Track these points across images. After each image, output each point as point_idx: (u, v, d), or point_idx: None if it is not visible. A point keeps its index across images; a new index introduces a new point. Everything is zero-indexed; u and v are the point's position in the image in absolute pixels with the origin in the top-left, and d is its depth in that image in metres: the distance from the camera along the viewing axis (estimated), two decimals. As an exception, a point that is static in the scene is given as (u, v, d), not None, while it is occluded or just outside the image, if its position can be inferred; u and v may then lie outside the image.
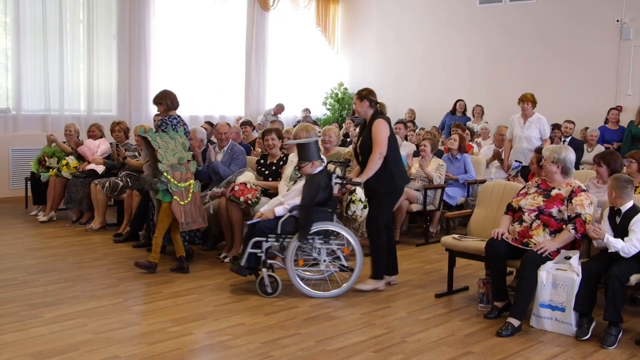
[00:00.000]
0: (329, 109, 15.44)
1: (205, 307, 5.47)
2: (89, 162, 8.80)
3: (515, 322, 5.02)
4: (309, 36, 15.32)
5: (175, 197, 6.33)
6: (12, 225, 8.14)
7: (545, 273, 5.04)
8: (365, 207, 6.96)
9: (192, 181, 6.50)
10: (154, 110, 11.74)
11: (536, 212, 5.28)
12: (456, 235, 5.97)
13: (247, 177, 7.16)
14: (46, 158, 9.01)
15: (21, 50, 10.66)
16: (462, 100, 12.72)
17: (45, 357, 4.33)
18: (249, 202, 6.78)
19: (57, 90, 11.08)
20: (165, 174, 6.31)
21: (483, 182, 7.99)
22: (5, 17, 10.64)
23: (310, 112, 14.37)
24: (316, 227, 5.76)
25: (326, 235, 5.86)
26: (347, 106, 15.13)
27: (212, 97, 13.40)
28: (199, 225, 6.59)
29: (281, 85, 14.74)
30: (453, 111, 12.74)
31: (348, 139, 11.13)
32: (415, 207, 8.11)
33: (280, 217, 5.81)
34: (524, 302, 5.08)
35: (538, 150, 6.62)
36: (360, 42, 15.50)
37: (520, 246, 5.24)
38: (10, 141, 10.55)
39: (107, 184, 8.25)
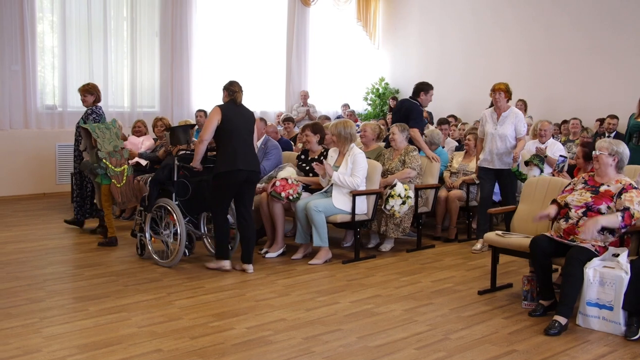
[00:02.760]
0: (369, 104, 15.38)
1: (247, 302, 5.49)
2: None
3: (563, 320, 4.91)
4: (350, 31, 15.27)
5: (113, 180, 7.23)
6: (58, 220, 8.28)
7: (592, 271, 4.92)
8: (404, 202, 6.95)
9: (125, 166, 7.41)
10: (195, 106, 11.97)
11: (584, 209, 5.15)
12: (499, 232, 5.88)
13: (289, 172, 7.17)
14: None
15: (67, 48, 10.87)
16: None
17: (90, 349, 4.40)
18: (290, 197, 6.79)
19: (101, 87, 11.13)
20: (104, 160, 7.18)
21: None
22: (53, 16, 10.85)
23: (349, 107, 14.34)
24: (159, 202, 6.60)
25: (165, 211, 6.57)
26: (387, 102, 15.05)
27: (253, 93, 13.41)
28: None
29: (322, 81, 14.73)
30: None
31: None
32: (459, 203, 8.03)
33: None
34: (570, 300, 4.96)
35: (585, 145, 6.46)
36: (401, 36, 15.40)
37: (567, 242, 5.13)
38: (56, 137, 10.76)
39: (149, 179, 8.33)
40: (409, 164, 7.37)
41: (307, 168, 7.39)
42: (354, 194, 6.75)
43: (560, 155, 8.16)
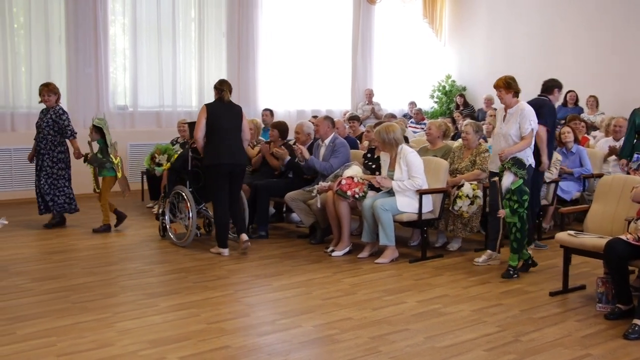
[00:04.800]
0: (436, 102, 15.21)
1: (314, 301, 5.50)
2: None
3: (642, 324, 4.73)
4: (416, 28, 15.11)
5: (118, 172, 7.93)
6: (129, 218, 8.48)
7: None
8: (472, 202, 6.83)
9: (119, 157, 8.08)
10: (262, 104, 12.07)
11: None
12: (572, 232, 5.70)
13: (355, 171, 7.15)
14: (157, 155, 9.31)
15: (137, 49, 11.13)
16: (572, 91, 12.19)
17: (160, 344, 4.48)
18: (356, 196, 6.77)
19: (170, 87, 11.49)
20: (111, 155, 7.86)
21: (600, 176, 7.62)
22: (124, 19, 11.13)
23: (416, 105, 14.21)
24: (175, 189, 7.30)
25: (181, 198, 7.22)
26: (455, 99, 14.85)
27: (318, 92, 13.49)
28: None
29: (387, 79, 14.65)
30: (564, 103, 12.25)
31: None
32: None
33: None
34: (648, 304, 4.79)
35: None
36: (468, 32, 15.15)
37: (643, 244, 4.94)
38: (128, 137, 11.01)
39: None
40: (480, 165, 7.24)
41: (374, 167, 7.35)
42: (421, 193, 6.67)
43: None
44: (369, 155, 7.59)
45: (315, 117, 10.64)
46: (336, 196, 6.89)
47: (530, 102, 7.55)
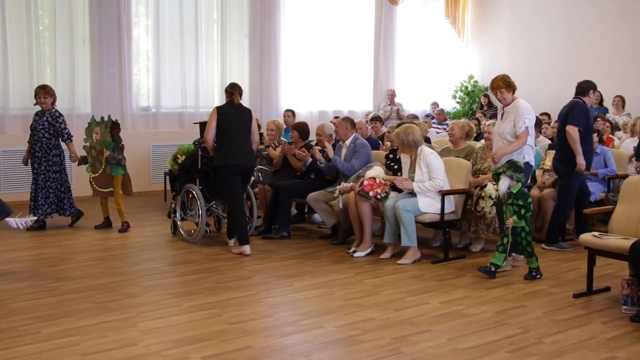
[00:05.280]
0: (458, 102, 15.13)
1: (336, 301, 5.50)
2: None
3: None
4: (438, 28, 15.04)
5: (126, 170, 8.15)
6: (152, 218, 8.55)
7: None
8: (494, 203, 6.78)
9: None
10: (284, 105, 12.09)
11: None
12: (596, 233, 5.65)
13: (377, 171, 7.13)
14: (179, 155, 9.34)
15: (160, 51, 11.20)
16: (597, 91, 12.05)
17: (184, 344, 4.51)
18: (378, 196, 6.75)
19: (192, 88, 11.55)
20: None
21: (625, 177, 7.52)
22: (147, 21, 11.21)
23: (438, 106, 14.15)
24: (185, 187, 7.52)
25: (191, 195, 7.45)
26: (477, 99, 14.76)
27: (340, 92, 13.47)
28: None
29: (410, 79, 14.60)
30: None
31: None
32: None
33: None
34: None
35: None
36: (491, 32, 15.05)
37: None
38: (150, 138, 11.10)
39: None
40: (503, 165, 7.19)
41: (396, 167, 7.33)
42: (443, 194, 6.64)
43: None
44: (390, 156, 7.57)
45: (336, 117, 10.64)
46: (358, 197, 6.88)
47: (566, 105, 7.51)
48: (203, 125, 7.47)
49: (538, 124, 9.01)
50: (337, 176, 7.66)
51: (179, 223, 7.73)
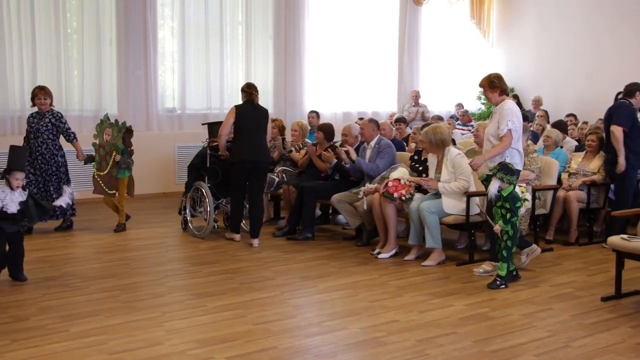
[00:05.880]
0: (483, 104, 15.03)
1: (360, 303, 5.49)
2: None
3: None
4: (463, 29, 14.96)
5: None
6: (177, 218, 8.58)
7: None
8: (520, 205, 6.71)
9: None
10: (308, 107, 12.10)
11: None
12: (625, 236, 5.58)
13: (401, 173, 7.12)
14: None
15: (186, 52, 11.27)
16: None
17: (209, 344, 4.53)
18: (403, 198, 6.73)
19: (217, 89, 11.60)
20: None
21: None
22: (173, 22, 11.29)
23: (463, 107, 14.06)
24: (195, 185, 7.87)
25: (201, 192, 7.79)
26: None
27: (364, 94, 13.45)
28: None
29: (434, 80, 14.54)
30: None
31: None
32: (579, 205, 7.69)
33: None
34: None
35: None
36: (517, 32, 14.92)
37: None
38: (175, 139, 11.17)
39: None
40: (528, 166, 7.13)
41: (420, 169, 7.30)
42: (468, 195, 6.60)
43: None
44: (415, 157, 7.54)
45: (361, 119, 10.62)
46: (383, 198, 6.87)
47: (611, 106, 7.46)
48: (211, 126, 7.95)
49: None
50: (362, 177, 7.66)
51: (189, 220, 8.00)
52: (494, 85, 6.40)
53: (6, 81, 9.74)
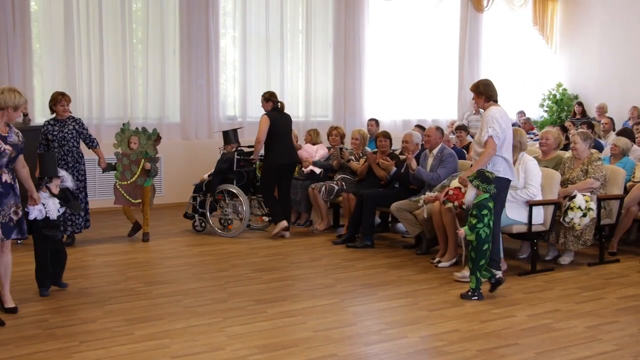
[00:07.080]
0: (546, 111, 14.76)
1: (420, 312, 5.46)
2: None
3: None
4: (525, 36, 14.71)
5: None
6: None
7: None
8: (584, 214, 6.58)
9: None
10: (367, 114, 12.10)
11: None
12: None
13: (462, 181, 7.04)
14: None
15: (247, 61, 11.41)
16: None
17: (269, 350, 4.58)
18: (463, 206, 6.66)
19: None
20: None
21: None
22: (234, 32, 11.46)
23: (525, 115, 13.83)
24: (221, 187, 8.28)
25: (229, 194, 8.29)
26: (566, 108, 14.35)
27: (424, 101, 13.37)
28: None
29: (496, 88, 14.31)
30: None
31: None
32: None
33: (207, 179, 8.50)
34: None
35: None
36: (581, 39, 14.59)
37: None
38: (237, 147, 11.31)
39: (323, 188, 8.54)
40: (592, 174, 6.97)
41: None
42: (531, 204, 6.50)
43: None
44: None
45: (418, 126, 10.56)
46: (443, 207, 6.81)
47: None
48: (226, 133, 8.59)
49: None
50: (422, 185, 7.61)
51: (210, 220, 8.43)
52: (479, 91, 6.41)
53: (75, 90, 10.03)
